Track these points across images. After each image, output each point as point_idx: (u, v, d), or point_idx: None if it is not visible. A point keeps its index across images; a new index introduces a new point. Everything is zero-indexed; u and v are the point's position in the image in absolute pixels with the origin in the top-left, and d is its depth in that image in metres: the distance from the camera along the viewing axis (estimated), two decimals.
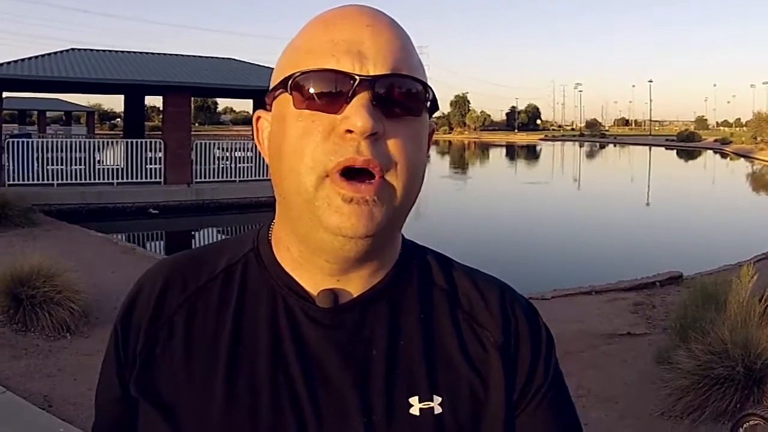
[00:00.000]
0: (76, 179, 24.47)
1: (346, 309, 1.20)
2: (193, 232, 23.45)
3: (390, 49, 1.10)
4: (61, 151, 24.91)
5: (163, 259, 1.38)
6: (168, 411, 1.17)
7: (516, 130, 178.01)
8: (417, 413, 1.16)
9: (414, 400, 1.17)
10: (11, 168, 23.52)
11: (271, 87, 1.18)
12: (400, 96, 1.10)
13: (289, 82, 1.11)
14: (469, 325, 1.25)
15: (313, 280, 1.20)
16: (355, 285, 1.21)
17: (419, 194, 1.18)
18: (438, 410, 1.17)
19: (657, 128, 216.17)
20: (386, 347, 1.19)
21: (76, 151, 25.27)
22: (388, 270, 1.24)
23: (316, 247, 1.14)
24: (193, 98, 31.45)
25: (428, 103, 1.16)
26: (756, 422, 4.56)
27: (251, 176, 27.30)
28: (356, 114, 1.04)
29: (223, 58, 35.41)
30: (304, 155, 1.07)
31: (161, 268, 1.32)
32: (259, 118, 1.26)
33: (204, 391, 1.17)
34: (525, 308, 1.31)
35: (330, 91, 1.08)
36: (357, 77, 1.06)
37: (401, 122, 1.11)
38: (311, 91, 1.08)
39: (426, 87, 1.14)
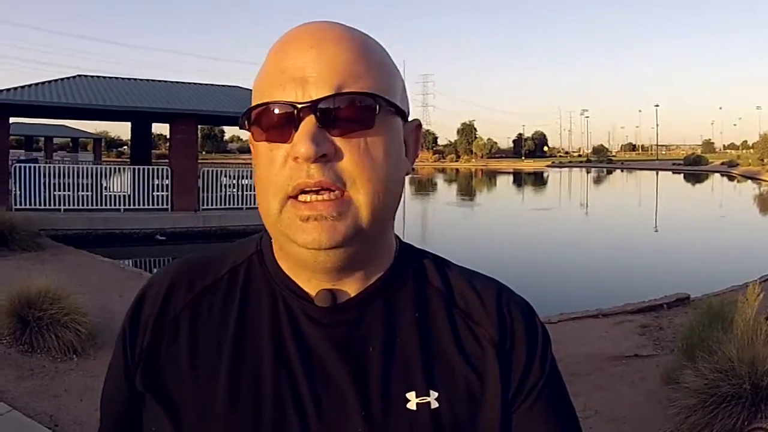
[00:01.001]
0: (83, 205, 24.55)
1: (343, 308, 1.24)
2: None
3: (334, 68, 1.12)
4: (68, 177, 24.94)
5: (171, 262, 1.42)
6: (173, 407, 1.20)
7: (523, 157, 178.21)
8: (414, 408, 1.19)
9: (411, 395, 1.19)
10: (18, 193, 23.61)
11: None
12: (347, 113, 1.12)
13: (246, 119, 1.18)
14: (465, 323, 1.28)
15: (311, 282, 1.24)
16: (351, 286, 1.24)
17: (399, 198, 1.22)
18: (434, 405, 1.19)
19: (664, 152, 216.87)
20: (383, 344, 1.22)
21: (83, 177, 25.33)
22: (383, 271, 1.28)
23: (296, 260, 1.20)
24: (199, 126, 31.51)
25: (384, 109, 1.16)
26: None
27: (257, 203, 27.15)
28: (299, 142, 1.09)
29: (230, 86, 35.50)
30: (268, 183, 1.15)
31: (169, 270, 1.36)
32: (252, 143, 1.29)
33: (208, 387, 1.20)
34: (521, 307, 1.33)
35: (279, 123, 1.13)
36: (299, 105, 1.10)
37: (354, 137, 1.13)
38: (265, 124, 1.15)
39: (376, 96, 1.15)
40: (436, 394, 1.20)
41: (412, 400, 1.19)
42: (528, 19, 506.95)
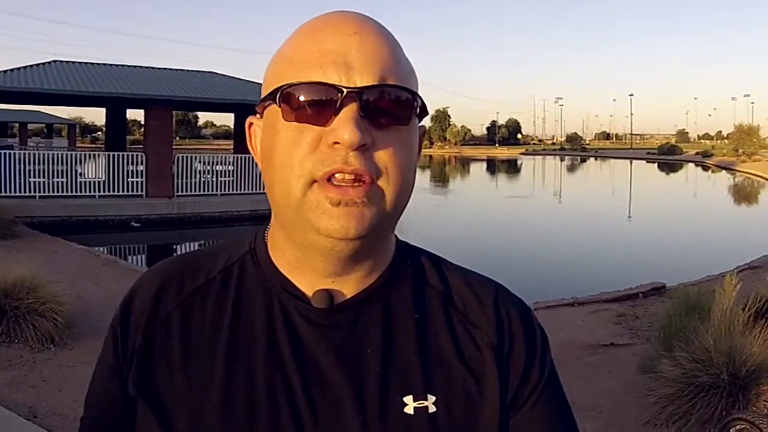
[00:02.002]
0: (58, 192, 24.46)
1: (341, 309, 1.21)
2: (174, 246, 23.26)
3: (377, 58, 1.10)
4: (43, 163, 24.82)
5: (162, 261, 1.38)
6: (165, 411, 1.18)
7: (497, 145, 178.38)
8: (411, 412, 1.17)
9: (408, 399, 1.17)
10: None
11: (261, 96, 1.19)
12: (388, 106, 1.10)
13: (278, 94, 1.11)
14: (463, 326, 1.26)
15: (308, 281, 1.21)
16: (349, 286, 1.21)
17: (410, 198, 1.19)
18: (432, 409, 1.18)
19: (638, 142, 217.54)
20: (381, 347, 1.20)
21: (58, 164, 25.17)
22: (382, 271, 1.25)
23: (308, 250, 1.15)
24: (174, 111, 31.38)
25: (418, 110, 1.16)
26: (743, 426, 4.59)
27: (232, 190, 27.35)
28: (343, 127, 1.05)
29: (205, 72, 35.37)
30: (293, 165, 1.09)
31: (159, 269, 1.33)
32: (251, 124, 1.26)
33: (201, 391, 1.17)
34: (519, 308, 1.31)
35: (318, 104, 1.08)
36: (344, 89, 1.07)
37: (390, 131, 1.11)
38: (299, 103, 1.09)
39: (414, 94, 1.14)
40: (434, 398, 1.18)
41: (410, 404, 1.17)
42: (503, 7, 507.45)
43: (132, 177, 26.19)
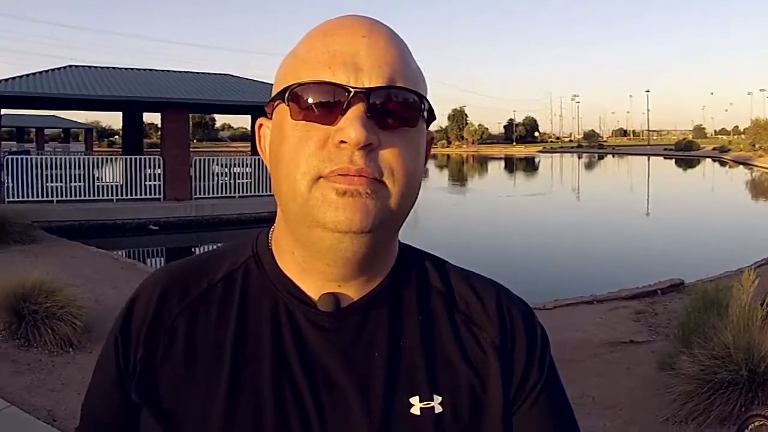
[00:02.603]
0: (75, 196, 24.53)
1: (347, 313, 1.21)
2: (193, 248, 23.27)
3: (386, 60, 1.12)
4: (61, 168, 24.97)
5: (163, 267, 1.38)
6: (170, 418, 1.18)
7: (514, 143, 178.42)
8: (418, 413, 1.18)
9: (415, 400, 1.19)
10: (11, 185, 23.54)
11: (271, 96, 1.19)
12: (395, 107, 1.11)
13: (286, 93, 1.13)
14: (466, 327, 1.28)
15: (314, 285, 1.22)
16: (355, 289, 1.22)
17: (415, 203, 1.19)
18: (438, 409, 1.19)
19: (655, 138, 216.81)
20: (387, 349, 1.21)
21: (75, 168, 25.29)
22: (386, 274, 1.26)
23: (315, 249, 1.15)
24: (191, 114, 31.42)
25: (425, 113, 1.17)
26: (761, 423, 4.54)
27: (250, 192, 27.39)
28: (350, 126, 1.06)
29: (221, 74, 35.51)
30: (299, 162, 1.10)
31: (161, 275, 1.32)
32: (261, 125, 1.28)
33: (207, 397, 1.17)
34: (521, 308, 1.33)
35: (325, 103, 1.09)
36: (352, 89, 1.08)
37: (396, 133, 1.12)
38: (307, 102, 1.10)
39: (422, 97, 1.15)
40: (440, 399, 1.20)
41: (416, 405, 1.18)
42: (519, 5, 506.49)
43: (149, 180, 26.25)
